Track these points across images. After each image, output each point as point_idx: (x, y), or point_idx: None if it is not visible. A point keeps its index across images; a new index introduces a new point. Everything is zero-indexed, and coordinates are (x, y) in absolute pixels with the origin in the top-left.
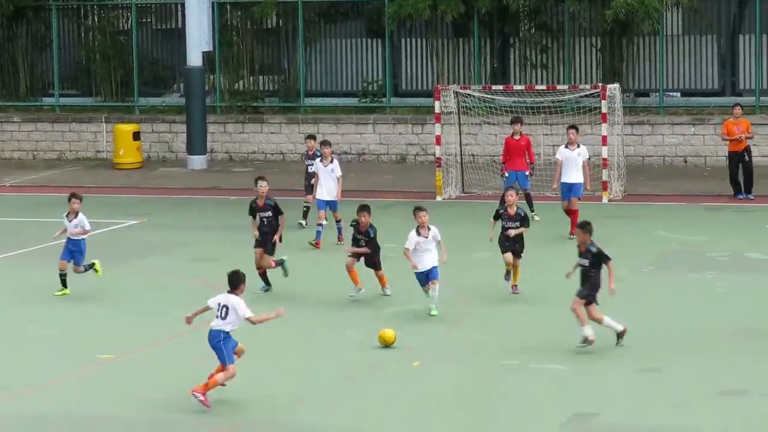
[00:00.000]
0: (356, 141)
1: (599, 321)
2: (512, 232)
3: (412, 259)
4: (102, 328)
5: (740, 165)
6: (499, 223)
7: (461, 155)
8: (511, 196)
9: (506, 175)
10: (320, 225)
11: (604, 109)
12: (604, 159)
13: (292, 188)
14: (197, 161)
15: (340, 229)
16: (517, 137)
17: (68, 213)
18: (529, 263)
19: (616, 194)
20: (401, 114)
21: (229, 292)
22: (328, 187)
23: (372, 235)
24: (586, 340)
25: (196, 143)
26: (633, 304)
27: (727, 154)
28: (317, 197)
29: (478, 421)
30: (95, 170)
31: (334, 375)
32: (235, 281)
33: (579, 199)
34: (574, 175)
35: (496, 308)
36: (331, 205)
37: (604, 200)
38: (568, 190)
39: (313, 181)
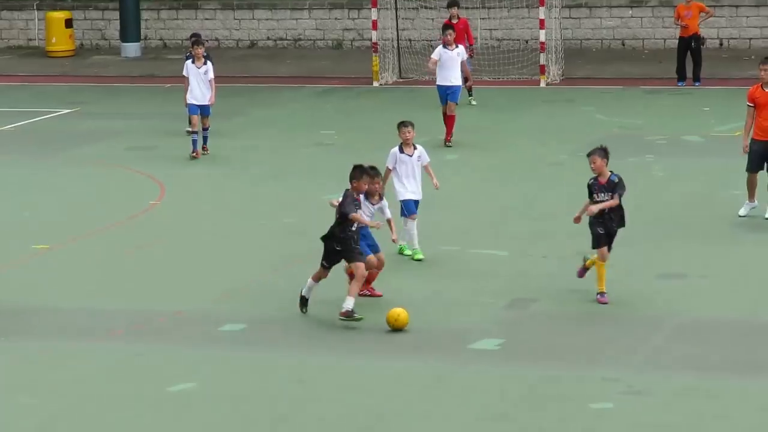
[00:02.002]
0: (292, 27)
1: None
2: (594, 208)
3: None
4: (36, 218)
5: (689, 51)
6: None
7: (398, 40)
8: (594, 162)
9: None
10: (194, 133)
11: None
12: (542, 43)
13: (228, 75)
14: (131, 49)
15: (206, 138)
16: (455, 21)
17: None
18: (467, 148)
19: (554, 78)
20: None
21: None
22: (201, 90)
23: None
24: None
25: (129, 30)
26: (571, 189)
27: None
28: (189, 102)
29: (415, 307)
30: (27, 59)
31: (267, 265)
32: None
33: (456, 104)
34: (453, 76)
35: (435, 195)
36: (204, 110)
37: (542, 84)
38: (446, 93)
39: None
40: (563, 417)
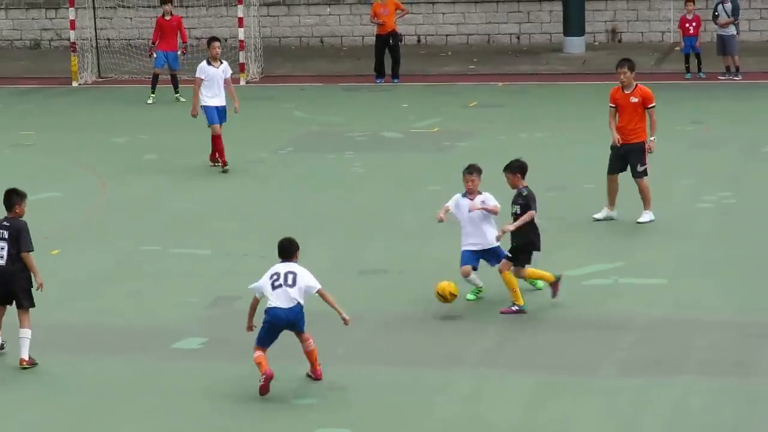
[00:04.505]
0: None
1: None
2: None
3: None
4: None
5: (387, 48)
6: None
7: (96, 39)
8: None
9: (155, 55)
10: None
11: None
12: (241, 41)
13: None
14: None
15: None
16: (168, 17)
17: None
18: (166, 148)
19: (254, 76)
20: None
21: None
22: None
23: None
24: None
25: None
26: (271, 186)
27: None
28: None
29: (119, 308)
30: None
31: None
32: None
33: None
34: (223, 94)
35: (132, 197)
36: None
37: (242, 82)
38: (218, 113)
39: None
40: (268, 413)
